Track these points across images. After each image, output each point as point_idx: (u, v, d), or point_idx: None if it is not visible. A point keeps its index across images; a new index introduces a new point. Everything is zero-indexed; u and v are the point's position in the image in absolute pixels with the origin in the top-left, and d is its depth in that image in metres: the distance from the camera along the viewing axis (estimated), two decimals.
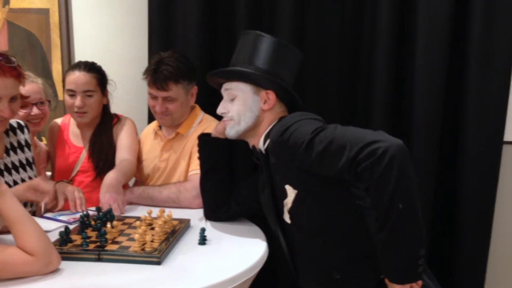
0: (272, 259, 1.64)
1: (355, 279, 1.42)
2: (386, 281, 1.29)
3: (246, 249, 1.51)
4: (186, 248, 1.51)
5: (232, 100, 1.62)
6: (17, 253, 1.25)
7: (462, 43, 2.12)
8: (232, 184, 1.79)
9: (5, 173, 1.72)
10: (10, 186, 1.71)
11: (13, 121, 1.82)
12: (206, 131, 2.02)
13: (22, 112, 1.99)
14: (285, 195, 1.48)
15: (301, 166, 1.39)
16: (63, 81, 2.11)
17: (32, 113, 2.06)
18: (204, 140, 1.77)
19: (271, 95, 1.59)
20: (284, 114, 1.63)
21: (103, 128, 2.14)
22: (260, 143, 1.61)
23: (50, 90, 2.24)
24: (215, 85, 1.75)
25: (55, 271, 1.30)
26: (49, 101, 2.17)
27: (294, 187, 1.44)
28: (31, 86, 2.06)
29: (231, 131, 1.63)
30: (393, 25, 2.11)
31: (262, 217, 1.69)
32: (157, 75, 1.97)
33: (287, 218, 1.50)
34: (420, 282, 1.26)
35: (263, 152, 1.58)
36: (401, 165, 1.17)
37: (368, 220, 1.41)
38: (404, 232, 1.20)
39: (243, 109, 1.59)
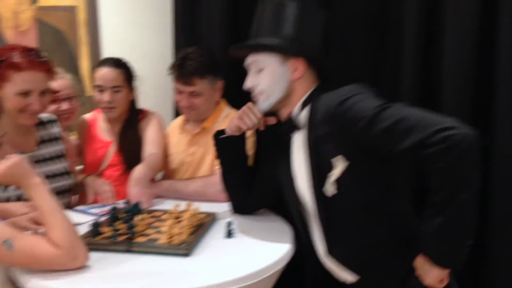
0: (299, 253, 1.63)
1: (384, 264, 1.41)
2: (422, 263, 1.31)
3: (273, 243, 1.52)
4: (213, 241, 1.52)
5: (260, 72, 1.55)
6: (43, 244, 1.26)
7: (490, 38, 2.06)
8: (253, 176, 1.78)
9: (38, 165, 1.77)
10: (43, 177, 1.75)
11: (44, 116, 1.87)
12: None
13: (52, 107, 2.04)
14: (329, 167, 1.41)
15: (358, 140, 1.35)
16: (92, 77, 2.15)
17: (62, 108, 2.11)
18: (219, 141, 1.74)
19: (301, 63, 1.52)
20: (316, 81, 1.57)
21: (131, 123, 2.18)
22: (295, 112, 1.54)
23: (78, 86, 2.28)
24: (238, 57, 1.66)
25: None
26: (78, 96, 2.21)
27: (345, 159, 1.38)
28: (60, 81, 2.11)
29: (263, 105, 1.56)
30: (419, 23, 2.07)
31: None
32: (182, 70, 1.99)
33: (329, 190, 1.43)
34: (446, 280, 1.31)
35: (298, 121, 1.52)
36: (474, 156, 1.18)
37: (406, 206, 1.44)
38: (462, 220, 1.23)
39: (272, 81, 1.52)
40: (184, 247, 1.40)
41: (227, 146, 1.72)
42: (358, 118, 1.32)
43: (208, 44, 2.33)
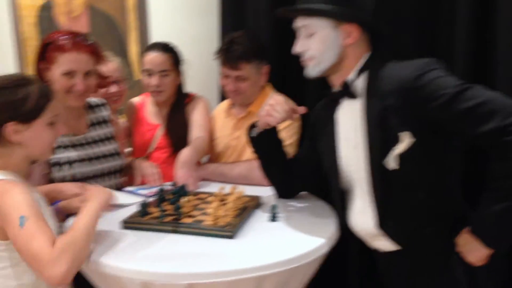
0: (344, 238, 1.62)
1: (430, 240, 1.42)
2: (468, 241, 1.33)
3: (317, 227, 1.51)
4: (258, 224, 1.54)
5: (310, 36, 1.46)
6: (44, 238, 1.20)
7: None
8: (294, 162, 1.77)
9: (89, 146, 1.83)
10: (95, 158, 1.83)
11: (93, 100, 1.93)
12: None
13: (101, 91, 2.09)
14: (395, 140, 1.36)
15: (430, 116, 1.31)
16: (141, 61, 2.20)
17: (111, 91, 2.17)
18: (253, 137, 1.71)
19: (354, 29, 1.43)
20: (369, 47, 1.49)
21: (178, 107, 2.22)
22: (350, 78, 1.47)
23: (126, 70, 2.34)
24: (285, 18, 1.60)
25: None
26: (126, 80, 2.27)
27: (412, 135, 1.34)
28: (109, 65, 2.17)
29: (313, 71, 1.49)
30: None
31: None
32: (229, 54, 2.01)
33: (391, 163, 1.38)
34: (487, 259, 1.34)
35: (354, 88, 1.46)
36: None
37: (458, 186, 1.45)
38: None
39: (323, 46, 1.44)
40: (229, 229, 1.42)
41: (261, 141, 1.71)
42: (437, 95, 1.28)
43: (255, 28, 2.33)
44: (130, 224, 1.49)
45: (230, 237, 1.41)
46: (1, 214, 1.26)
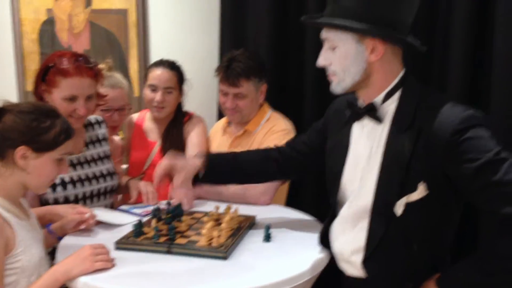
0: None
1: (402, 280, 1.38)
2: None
3: (310, 248, 1.51)
4: (252, 245, 1.54)
5: (333, 49, 1.35)
6: None
7: None
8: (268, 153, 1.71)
9: (85, 166, 1.84)
10: (89, 178, 1.83)
11: (92, 117, 1.94)
12: (274, 128, 2.05)
13: (104, 116, 2.10)
14: (412, 187, 1.28)
15: (455, 176, 1.25)
16: (145, 76, 2.23)
17: (113, 119, 2.19)
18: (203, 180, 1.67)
19: (379, 43, 1.30)
20: (402, 65, 1.38)
21: (175, 124, 2.23)
22: (379, 99, 1.36)
23: (132, 95, 2.36)
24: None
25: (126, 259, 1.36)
26: (130, 109, 2.29)
27: (428, 188, 1.27)
28: (117, 92, 2.19)
29: (337, 87, 1.38)
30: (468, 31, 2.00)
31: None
32: (229, 71, 2.03)
33: (399, 209, 1.30)
34: None
35: (381, 112, 1.36)
36: None
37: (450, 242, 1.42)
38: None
39: (347, 62, 1.33)
40: (222, 250, 1.42)
41: (212, 175, 1.67)
42: (471, 157, 1.20)
43: (255, 46, 2.36)
44: (123, 245, 1.48)
45: (224, 258, 1.41)
46: None
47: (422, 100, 1.31)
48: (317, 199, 2.34)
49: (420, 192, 1.28)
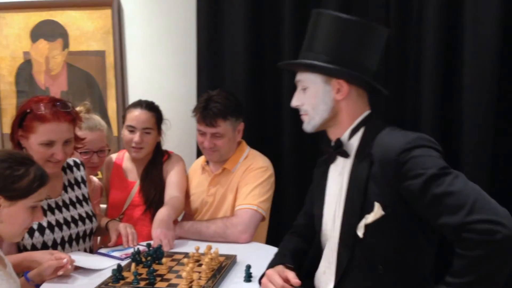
0: None
1: None
2: None
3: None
4: (233, 286, 1.54)
5: (305, 90, 1.51)
6: None
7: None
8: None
9: (64, 209, 1.82)
10: (68, 222, 1.81)
11: (70, 160, 1.94)
12: (252, 166, 2.07)
13: (83, 158, 2.10)
14: (370, 208, 1.37)
15: (404, 194, 1.32)
16: (123, 117, 2.24)
17: (92, 161, 2.19)
18: None
19: (344, 85, 1.45)
20: (368, 105, 1.52)
21: (154, 163, 2.23)
22: (345, 137, 1.49)
23: (111, 136, 2.36)
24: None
25: None
26: (109, 150, 2.29)
27: (384, 208, 1.34)
28: (96, 134, 2.19)
29: (308, 126, 1.53)
30: (440, 40, 2.10)
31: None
32: (206, 112, 2.05)
33: (360, 231, 1.38)
34: None
35: (347, 147, 1.47)
36: (509, 260, 1.19)
37: (426, 266, 1.43)
38: None
39: (316, 101, 1.48)
40: None
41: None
42: (414, 174, 1.28)
43: (232, 86, 2.40)
44: None
45: None
46: None
47: (380, 133, 1.43)
48: None
49: (376, 212, 1.35)
